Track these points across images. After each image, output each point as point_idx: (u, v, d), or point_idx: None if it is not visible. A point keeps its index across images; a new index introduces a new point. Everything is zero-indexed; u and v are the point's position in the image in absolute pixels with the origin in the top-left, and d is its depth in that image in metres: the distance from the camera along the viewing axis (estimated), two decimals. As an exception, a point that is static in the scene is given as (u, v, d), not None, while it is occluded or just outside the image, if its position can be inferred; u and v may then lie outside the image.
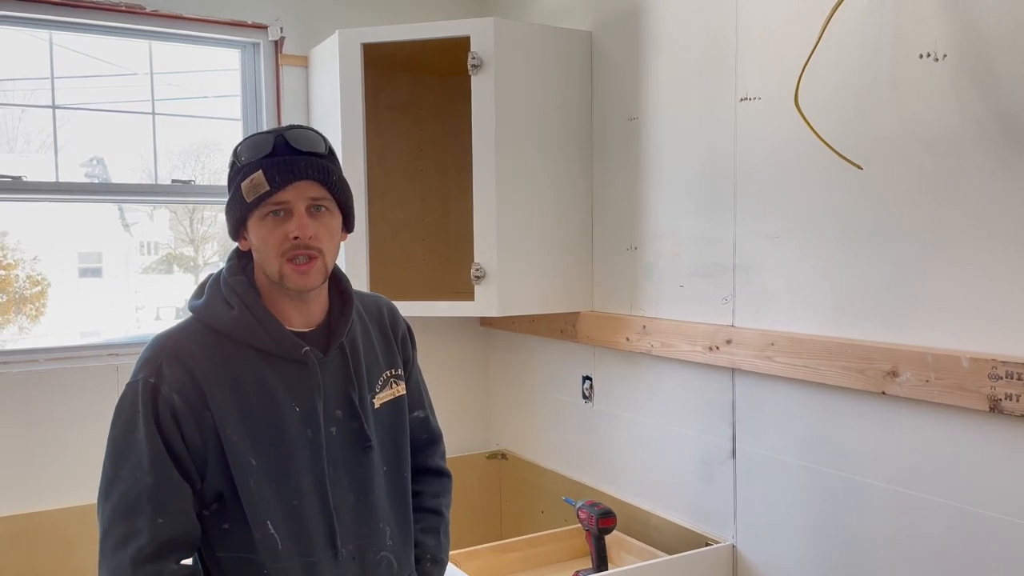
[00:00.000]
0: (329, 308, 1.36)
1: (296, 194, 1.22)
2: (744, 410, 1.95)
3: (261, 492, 1.24)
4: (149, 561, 1.18)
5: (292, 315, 1.30)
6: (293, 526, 1.26)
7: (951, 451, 1.51)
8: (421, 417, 1.53)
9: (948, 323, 1.51)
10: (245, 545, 1.25)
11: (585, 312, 2.44)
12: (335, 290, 1.38)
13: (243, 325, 1.26)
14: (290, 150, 1.22)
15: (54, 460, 2.37)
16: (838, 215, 1.70)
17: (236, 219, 1.27)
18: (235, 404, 1.24)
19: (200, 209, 3.38)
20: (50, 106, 2.44)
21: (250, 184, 1.22)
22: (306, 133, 1.26)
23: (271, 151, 1.22)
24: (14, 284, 2.80)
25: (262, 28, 2.62)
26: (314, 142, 1.25)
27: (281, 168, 1.21)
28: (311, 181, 1.23)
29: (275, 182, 1.21)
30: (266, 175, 1.21)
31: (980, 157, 1.45)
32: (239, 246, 1.32)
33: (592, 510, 2.08)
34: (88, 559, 2.37)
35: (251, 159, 1.23)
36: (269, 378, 1.26)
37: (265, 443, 1.25)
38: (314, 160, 1.24)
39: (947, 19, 1.48)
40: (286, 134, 1.24)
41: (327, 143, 1.29)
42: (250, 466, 1.23)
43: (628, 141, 2.29)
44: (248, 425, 1.24)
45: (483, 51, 2.25)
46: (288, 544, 1.25)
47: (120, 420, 1.24)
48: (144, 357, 1.25)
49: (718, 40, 1.97)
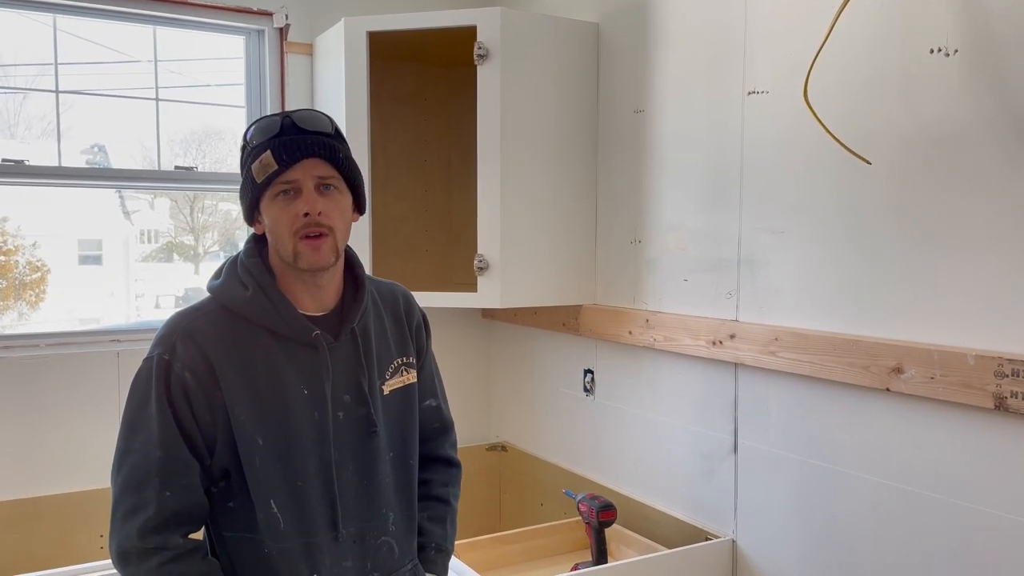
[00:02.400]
0: (342, 294, 1.37)
1: (304, 172, 1.25)
2: (746, 405, 1.95)
3: (266, 471, 1.26)
4: (155, 532, 1.22)
5: (305, 299, 1.32)
6: (296, 506, 1.27)
7: (955, 449, 1.51)
8: (433, 406, 1.54)
9: (954, 320, 1.50)
10: (249, 524, 1.27)
11: (588, 305, 2.44)
12: (349, 276, 1.39)
13: (256, 306, 1.28)
14: (297, 130, 1.26)
15: (55, 445, 2.37)
16: (845, 210, 1.70)
17: (249, 201, 1.30)
18: (244, 383, 1.26)
19: (201, 198, 3.37)
20: (53, 91, 2.43)
21: (259, 164, 1.25)
22: (313, 114, 1.29)
23: (279, 132, 1.25)
24: (14, 270, 2.79)
25: (267, 15, 2.61)
26: (320, 122, 1.29)
27: (288, 147, 1.24)
28: (318, 159, 1.26)
29: (282, 160, 1.24)
30: (274, 154, 1.24)
31: (989, 153, 1.44)
32: (255, 230, 1.35)
33: (592, 503, 2.08)
34: (88, 544, 2.38)
35: (260, 140, 1.26)
36: (280, 360, 1.28)
37: (272, 423, 1.26)
38: (320, 139, 1.26)
39: (958, 14, 1.48)
40: (293, 115, 1.27)
41: (334, 124, 1.31)
42: (256, 445, 1.25)
43: (634, 134, 2.28)
44: (256, 405, 1.26)
45: (489, 41, 2.24)
46: (290, 524, 1.27)
47: (134, 395, 1.27)
48: (160, 335, 1.28)
49: (726, 33, 1.97)
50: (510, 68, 2.26)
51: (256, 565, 1.28)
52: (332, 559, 1.30)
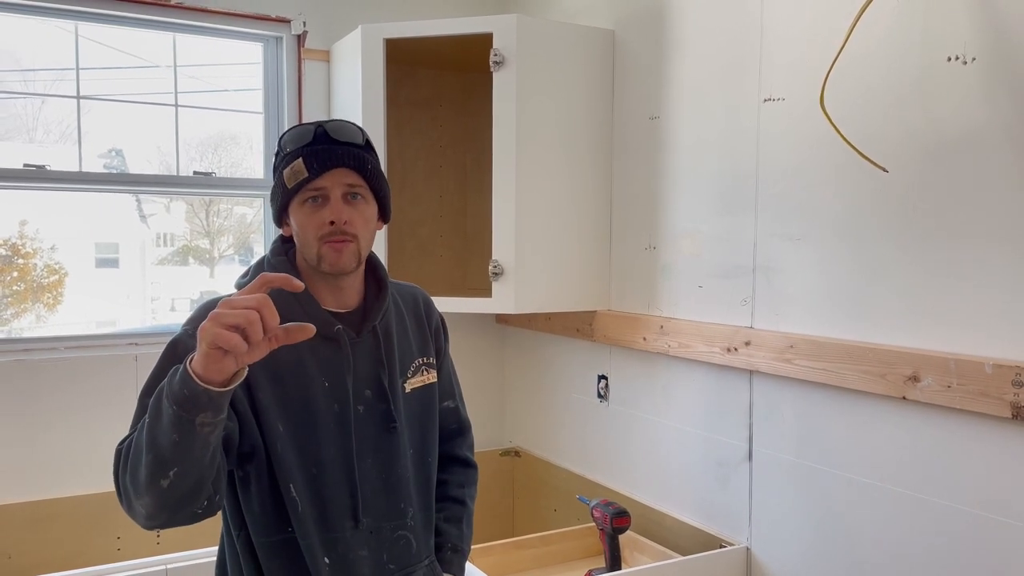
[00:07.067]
0: (365, 294, 1.40)
1: (332, 181, 1.28)
2: (761, 412, 1.95)
3: (287, 456, 1.28)
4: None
5: (328, 298, 1.35)
6: (315, 493, 1.30)
7: (972, 458, 1.50)
8: (451, 407, 1.57)
9: (972, 328, 1.50)
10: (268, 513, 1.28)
11: (602, 311, 2.44)
12: (371, 278, 1.43)
13: (281, 301, 1.30)
14: (329, 140, 1.29)
15: (73, 447, 2.39)
16: (861, 218, 1.69)
17: (279, 205, 1.34)
18: (268, 372, 1.27)
19: (216, 202, 3.39)
20: (75, 96, 2.46)
21: (291, 171, 1.28)
22: (345, 125, 1.32)
23: (311, 140, 1.29)
24: (32, 273, 2.82)
25: (285, 22, 2.63)
26: (352, 134, 1.32)
27: (320, 156, 1.27)
28: (347, 169, 1.29)
29: (313, 169, 1.27)
30: (305, 162, 1.27)
31: (1007, 161, 1.44)
32: (283, 232, 1.39)
33: (606, 509, 2.08)
34: (106, 545, 2.40)
35: (293, 148, 1.30)
36: (303, 352, 1.30)
37: (292, 412, 1.29)
38: (351, 150, 1.30)
39: (976, 22, 1.48)
40: (326, 125, 1.31)
41: (365, 136, 1.35)
42: (277, 431, 1.27)
43: (649, 140, 2.28)
44: (278, 393, 1.28)
45: (505, 48, 2.25)
46: (308, 508, 1.29)
47: (167, 348, 1.26)
48: (191, 317, 1.30)
49: (742, 40, 1.97)
50: (526, 75, 2.27)
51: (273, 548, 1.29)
52: (348, 547, 1.31)
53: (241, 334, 0.98)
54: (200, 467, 1.09)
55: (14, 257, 2.72)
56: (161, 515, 1.11)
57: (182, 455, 1.05)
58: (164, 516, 1.11)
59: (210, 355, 0.99)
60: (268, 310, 1.00)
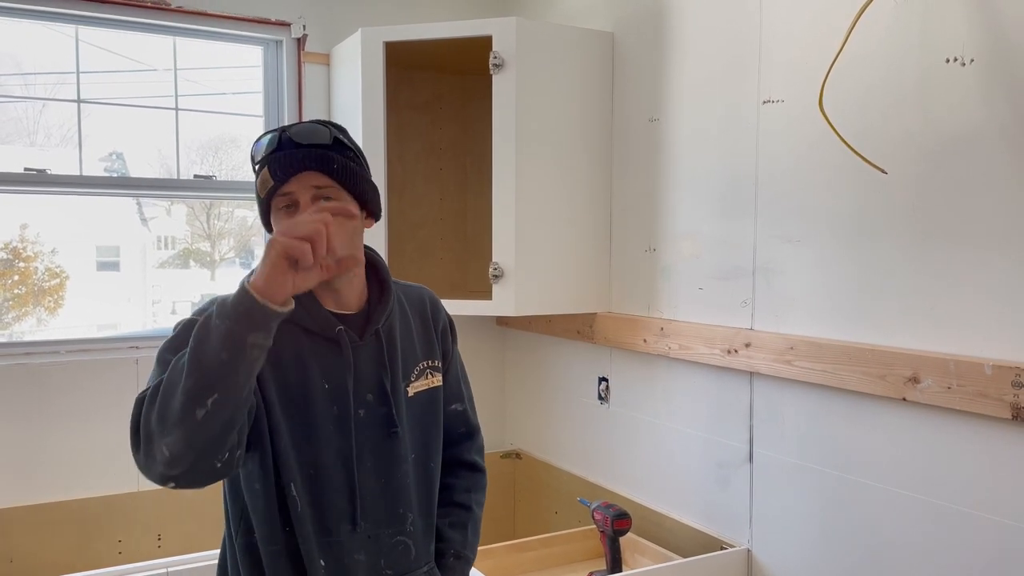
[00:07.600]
0: (368, 296, 1.39)
1: (299, 185, 1.27)
2: (762, 414, 1.95)
3: (287, 455, 1.28)
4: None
5: (327, 300, 1.35)
6: (313, 494, 1.29)
7: (972, 459, 1.50)
8: (459, 410, 1.56)
9: (971, 329, 1.50)
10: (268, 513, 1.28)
11: (602, 313, 2.44)
12: (374, 279, 1.41)
13: None
14: (293, 145, 1.27)
15: (74, 451, 2.39)
16: (861, 219, 1.70)
17: (261, 214, 1.34)
18: (272, 370, 1.27)
19: (217, 205, 3.40)
20: (75, 100, 2.47)
21: (260, 181, 1.29)
22: (309, 126, 1.29)
23: (276, 147, 1.27)
24: (33, 276, 2.83)
25: (285, 25, 2.64)
26: (317, 135, 1.29)
27: (282, 162, 1.26)
28: (313, 171, 1.27)
29: (277, 176, 1.26)
30: (270, 170, 1.27)
31: (1006, 162, 1.44)
32: None
33: (607, 511, 2.08)
34: (107, 549, 2.40)
35: (260, 156, 1.29)
36: (305, 352, 1.30)
37: (293, 411, 1.29)
38: (312, 151, 1.27)
39: (975, 23, 1.48)
40: (289, 130, 1.28)
41: (334, 134, 1.31)
42: (281, 429, 1.28)
43: (648, 142, 2.29)
44: (281, 391, 1.28)
45: (505, 51, 2.26)
46: (307, 508, 1.29)
47: (184, 323, 1.24)
48: (198, 308, 1.30)
49: (741, 42, 1.97)
50: (525, 77, 2.28)
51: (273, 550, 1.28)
52: (344, 551, 1.31)
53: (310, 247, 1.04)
54: (237, 400, 1.09)
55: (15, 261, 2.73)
56: (185, 459, 1.09)
57: (225, 377, 1.06)
58: (187, 460, 1.09)
59: (277, 265, 1.04)
60: (331, 229, 1.07)
